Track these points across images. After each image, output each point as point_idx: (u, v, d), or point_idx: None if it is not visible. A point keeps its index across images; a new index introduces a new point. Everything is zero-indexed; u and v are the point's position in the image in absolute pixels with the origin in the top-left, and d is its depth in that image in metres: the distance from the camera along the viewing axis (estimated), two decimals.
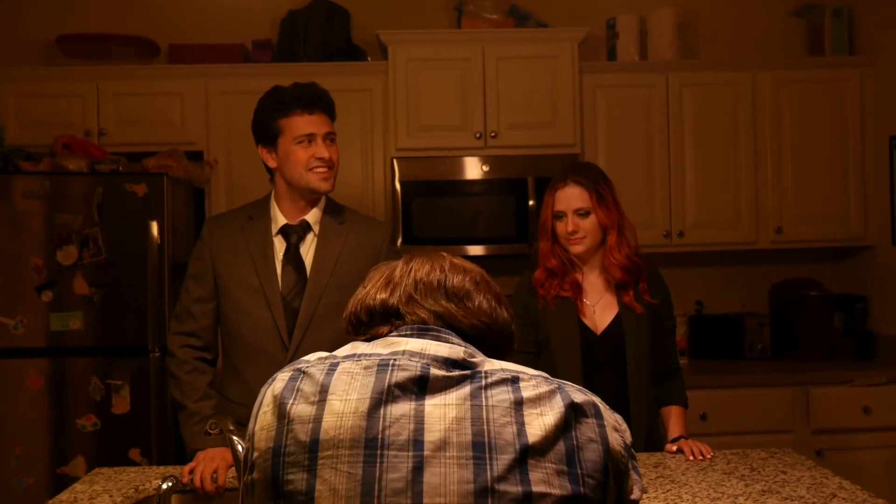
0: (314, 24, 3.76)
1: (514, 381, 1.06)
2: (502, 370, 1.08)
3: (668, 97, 3.80)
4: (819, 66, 3.89)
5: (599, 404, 1.08)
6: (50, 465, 3.11)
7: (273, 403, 1.06)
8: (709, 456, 2.19)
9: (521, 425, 1.01)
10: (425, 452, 0.99)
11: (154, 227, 3.13)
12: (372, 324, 1.17)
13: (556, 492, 0.99)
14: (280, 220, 2.34)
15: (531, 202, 3.62)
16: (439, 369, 1.06)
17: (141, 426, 3.11)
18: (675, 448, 2.26)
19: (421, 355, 1.07)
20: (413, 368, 1.05)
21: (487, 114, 3.70)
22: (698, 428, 3.30)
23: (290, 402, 1.04)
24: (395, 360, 1.06)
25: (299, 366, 1.10)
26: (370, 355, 1.08)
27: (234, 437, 1.81)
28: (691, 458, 2.19)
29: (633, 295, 2.33)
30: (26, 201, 3.13)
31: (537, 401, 1.04)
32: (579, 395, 1.07)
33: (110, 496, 1.96)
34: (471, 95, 3.70)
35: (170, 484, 1.73)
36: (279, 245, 2.33)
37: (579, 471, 1.01)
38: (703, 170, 3.81)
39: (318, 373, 1.06)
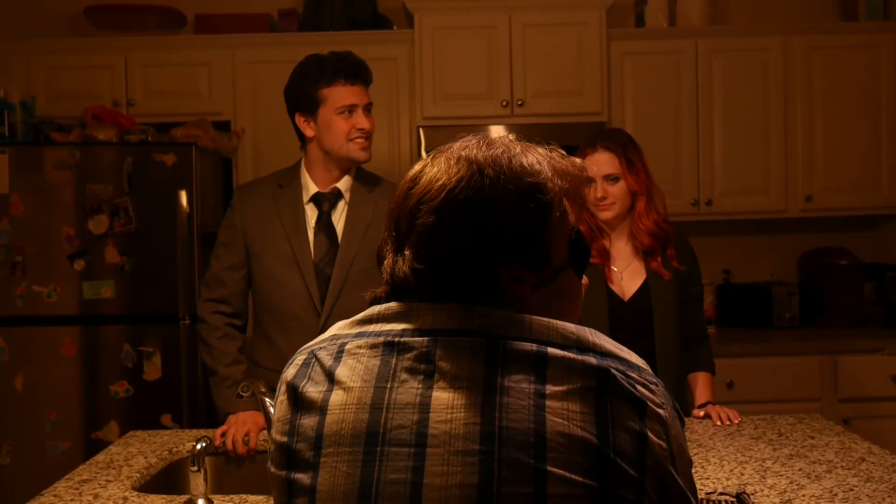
0: None
1: (538, 356, 0.90)
2: (525, 338, 0.92)
3: (697, 64, 3.76)
4: (852, 31, 3.81)
5: (653, 385, 0.92)
6: (84, 431, 3.18)
7: (287, 392, 0.99)
8: (736, 421, 2.20)
9: (539, 411, 0.87)
10: (428, 448, 0.88)
11: (183, 197, 3.16)
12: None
13: (578, 491, 0.85)
14: (311, 187, 2.35)
15: None
16: (449, 348, 0.93)
17: (172, 392, 3.17)
18: (702, 413, 2.27)
19: (423, 331, 0.95)
20: (419, 346, 0.93)
21: (514, 82, 3.68)
22: (725, 396, 3.29)
23: (301, 391, 0.97)
24: (401, 336, 0.95)
25: (313, 347, 1.01)
26: (378, 333, 0.97)
27: (267, 399, 1.83)
28: (718, 423, 2.19)
29: (660, 261, 2.32)
30: (57, 172, 3.17)
31: (563, 378, 0.89)
32: (620, 369, 0.91)
33: (145, 457, 2.00)
34: (497, 63, 3.68)
35: (203, 445, 1.76)
36: (311, 213, 2.35)
37: (609, 466, 0.86)
38: (731, 137, 3.77)
39: (328, 357, 0.98)
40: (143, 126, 3.37)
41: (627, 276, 2.34)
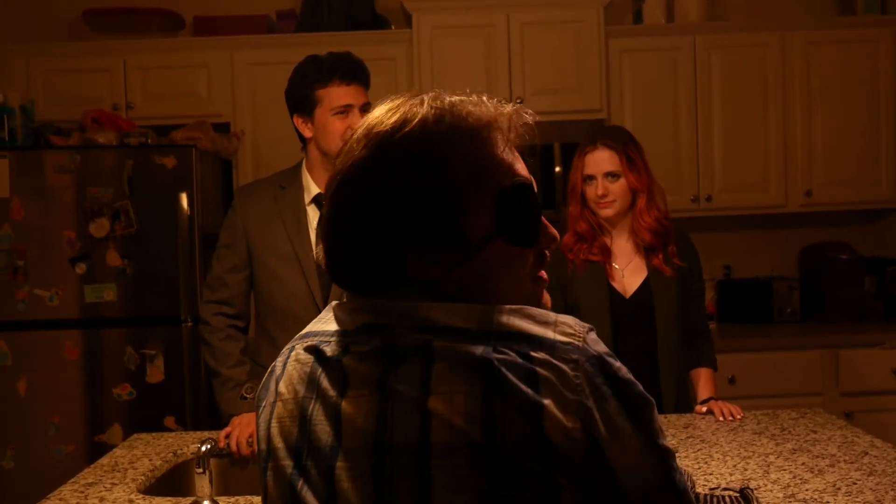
0: None
1: (425, 349, 0.84)
2: (418, 328, 0.86)
3: (696, 60, 3.76)
4: (850, 26, 3.82)
5: (551, 365, 0.82)
6: (87, 434, 3.18)
7: (258, 406, 0.97)
8: (738, 416, 2.20)
9: (425, 419, 0.81)
10: (337, 463, 0.85)
11: (184, 199, 3.16)
12: None
13: (466, 499, 0.79)
14: (313, 188, 2.36)
15: (557, 168, 3.61)
16: (355, 352, 0.88)
17: (175, 394, 3.17)
18: (704, 409, 2.27)
19: (343, 333, 0.91)
20: (334, 352, 0.89)
21: (513, 80, 3.68)
22: (727, 391, 3.30)
23: (263, 403, 0.95)
24: (325, 340, 0.92)
25: (280, 357, 0.97)
26: (316, 333, 0.94)
27: None
28: (721, 418, 2.20)
29: (662, 258, 2.33)
30: (58, 175, 3.18)
31: (446, 374, 0.82)
32: (511, 355, 0.82)
33: (150, 460, 2.01)
34: (496, 62, 3.68)
35: (208, 446, 1.77)
36: (312, 213, 2.35)
37: (500, 466, 0.80)
38: (731, 133, 3.77)
39: (280, 366, 0.95)
40: (143, 129, 3.37)
41: (629, 274, 2.35)
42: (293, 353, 0.93)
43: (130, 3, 3.86)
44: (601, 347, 0.85)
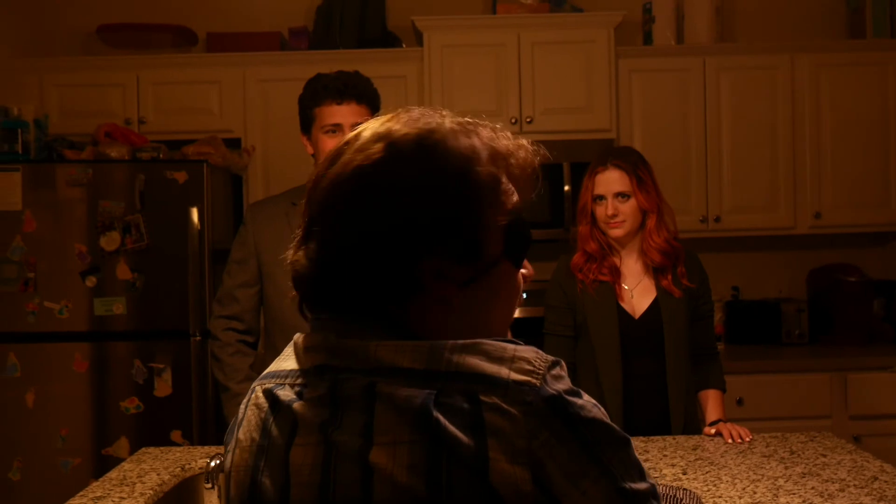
0: (350, 11, 3.78)
1: (367, 394, 0.80)
2: (364, 370, 0.81)
3: (705, 81, 3.77)
4: (860, 49, 3.83)
5: (494, 416, 0.77)
6: (94, 447, 3.18)
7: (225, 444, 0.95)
8: (747, 439, 2.19)
9: (367, 475, 0.77)
10: None
11: (194, 214, 3.18)
12: None
13: None
14: None
15: (567, 187, 3.62)
16: (309, 395, 0.84)
17: (183, 408, 3.17)
18: (713, 431, 2.26)
19: (302, 372, 0.87)
20: (288, 396, 0.85)
21: (523, 99, 3.70)
22: (735, 413, 3.28)
23: (227, 448, 0.93)
24: (280, 381, 0.88)
25: (244, 400, 0.94)
26: (275, 373, 0.90)
27: None
28: (730, 440, 2.19)
29: (671, 279, 2.33)
30: (70, 189, 3.20)
31: (388, 424, 0.78)
32: (455, 397, 0.77)
33: (157, 474, 2.01)
34: (506, 81, 3.70)
35: (218, 462, 1.77)
36: None
37: None
38: (740, 154, 3.78)
39: (242, 408, 0.92)
40: (155, 143, 3.39)
41: (638, 294, 2.35)
42: (252, 396, 0.89)
43: (144, 18, 3.91)
44: (562, 385, 0.79)
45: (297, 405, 0.83)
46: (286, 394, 0.85)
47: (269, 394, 0.86)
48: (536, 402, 0.77)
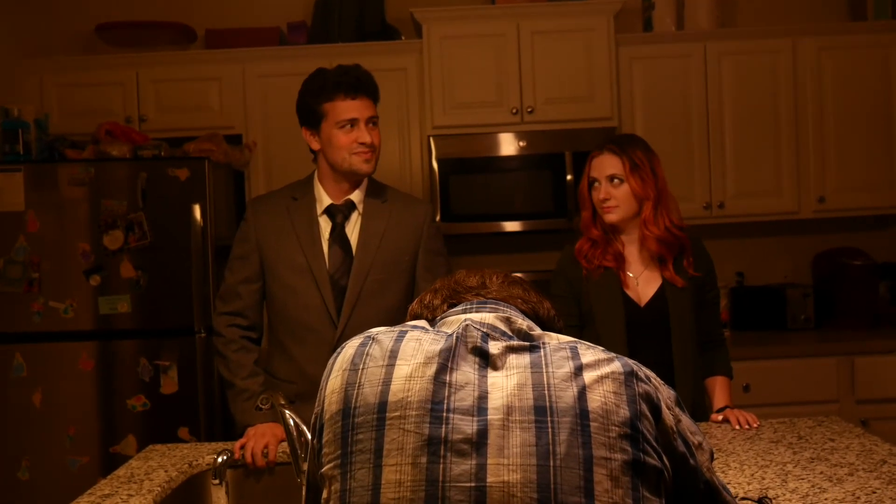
0: (348, 4, 3.77)
1: (573, 349, 1.08)
2: (560, 341, 1.12)
3: (707, 67, 3.76)
4: (861, 32, 3.81)
5: (653, 376, 1.10)
6: (102, 445, 3.19)
7: (344, 367, 1.10)
8: (755, 425, 2.19)
9: (581, 390, 1.03)
10: (489, 417, 1.01)
11: (197, 211, 3.18)
12: (437, 310, 1.23)
13: (618, 456, 1.00)
14: (325, 200, 2.37)
15: (569, 177, 3.61)
16: (501, 340, 1.10)
17: (189, 405, 3.18)
18: (720, 418, 2.26)
19: (482, 325, 1.11)
20: (475, 339, 1.09)
21: (523, 89, 3.68)
22: (741, 399, 3.28)
23: (361, 366, 1.09)
24: (459, 330, 1.10)
25: (369, 333, 1.14)
26: (438, 331, 1.13)
27: (286, 411, 1.84)
28: (737, 427, 2.18)
29: (673, 269, 2.31)
30: (72, 188, 3.20)
31: (597, 366, 1.06)
32: (635, 365, 1.09)
33: (165, 471, 2.01)
34: (506, 71, 3.69)
35: (225, 458, 1.77)
36: (325, 224, 2.36)
37: (640, 436, 1.02)
38: (743, 140, 3.77)
39: (388, 339, 1.11)
40: (156, 141, 3.39)
41: (643, 282, 2.34)
42: (410, 333, 1.13)
43: (143, 17, 3.90)
44: None
45: (486, 343, 1.12)
46: (470, 333, 1.13)
47: (449, 334, 1.14)
48: None
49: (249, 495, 2.16)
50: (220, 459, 1.76)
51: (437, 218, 3.60)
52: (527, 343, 1.10)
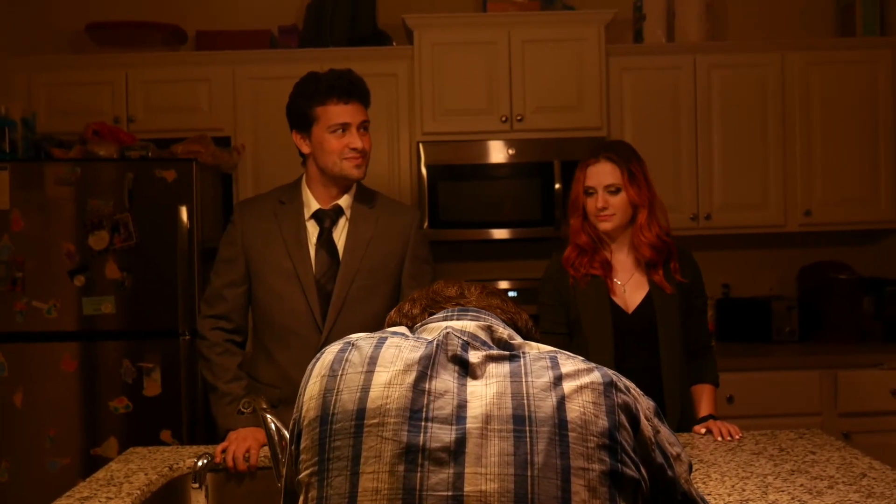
0: (340, 9, 3.77)
1: (553, 359, 1.09)
2: (540, 350, 1.12)
3: (696, 79, 3.78)
4: (850, 47, 3.84)
5: (633, 387, 1.11)
6: (83, 447, 3.16)
7: (322, 373, 1.10)
8: (737, 436, 2.19)
9: (560, 400, 1.03)
10: (468, 426, 1.01)
11: (183, 213, 3.17)
12: (416, 319, 1.24)
13: (596, 467, 1.00)
14: (313, 204, 2.36)
15: (557, 185, 3.62)
16: (481, 349, 1.10)
17: (172, 408, 3.16)
18: (703, 430, 2.26)
19: (463, 333, 1.12)
20: (455, 347, 1.09)
21: (513, 97, 3.69)
22: (725, 410, 3.29)
23: (340, 372, 1.08)
24: (439, 338, 1.10)
25: (349, 339, 1.14)
26: (418, 337, 1.13)
27: (268, 416, 1.83)
28: (719, 438, 2.19)
29: (662, 274, 2.32)
30: (58, 188, 3.18)
31: (576, 376, 1.06)
32: (615, 375, 1.09)
33: (145, 474, 2.00)
34: (497, 79, 3.69)
35: (205, 461, 1.76)
36: (312, 229, 2.35)
37: (619, 447, 1.02)
38: (730, 152, 3.78)
39: (367, 346, 1.11)
40: (144, 142, 3.37)
41: (630, 289, 2.34)
42: (390, 340, 1.13)
43: (133, 17, 3.89)
44: None
45: (465, 352, 1.13)
46: (450, 341, 1.14)
47: (429, 342, 1.14)
48: None
49: (230, 499, 2.14)
50: (200, 463, 1.75)
51: (425, 224, 3.60)
52: (507, 352, 1.10)
